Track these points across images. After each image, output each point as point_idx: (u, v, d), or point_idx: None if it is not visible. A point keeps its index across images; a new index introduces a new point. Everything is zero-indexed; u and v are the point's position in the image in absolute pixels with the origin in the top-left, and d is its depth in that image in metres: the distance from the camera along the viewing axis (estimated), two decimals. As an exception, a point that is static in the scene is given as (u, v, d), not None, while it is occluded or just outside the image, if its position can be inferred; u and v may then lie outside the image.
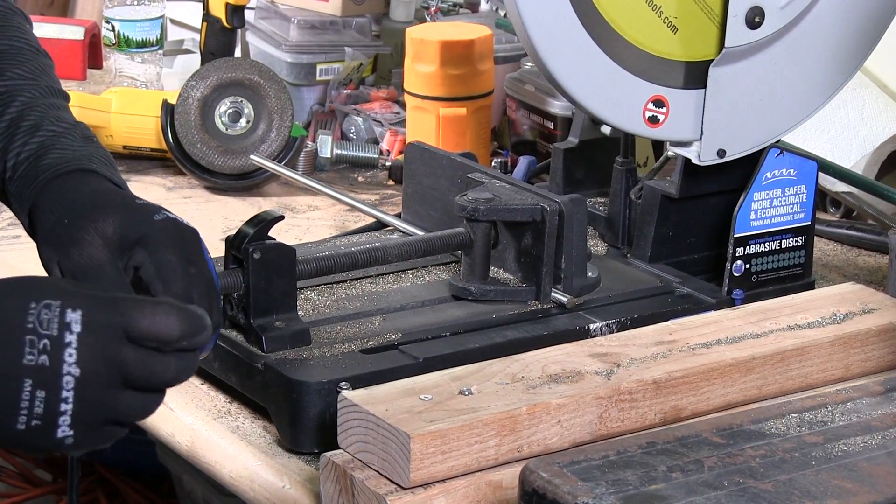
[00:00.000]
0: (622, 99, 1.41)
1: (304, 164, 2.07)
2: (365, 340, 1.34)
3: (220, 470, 1.33)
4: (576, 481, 1.01)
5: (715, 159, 1.46)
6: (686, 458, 1.05)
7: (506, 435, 1.16)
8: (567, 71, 1.37)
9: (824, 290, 1.47)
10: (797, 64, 1.47)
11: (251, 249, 1.33)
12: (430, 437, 1.12)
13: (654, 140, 1.83)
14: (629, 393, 1.22)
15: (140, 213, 1.17)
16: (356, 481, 1.15)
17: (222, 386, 1.40)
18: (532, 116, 2.02)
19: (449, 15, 2.45)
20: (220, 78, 1.97)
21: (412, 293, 1.46)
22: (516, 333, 1.37)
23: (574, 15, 1.36)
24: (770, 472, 1.03)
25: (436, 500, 1.13)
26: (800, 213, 1.54)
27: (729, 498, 1.00)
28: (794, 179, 1.53)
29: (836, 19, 1.47)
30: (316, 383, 1.27)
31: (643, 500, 0.99)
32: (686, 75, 1.43)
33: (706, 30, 1.42)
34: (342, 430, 1.18)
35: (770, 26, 1.42)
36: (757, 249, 1.52)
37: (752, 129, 1.47)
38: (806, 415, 1.13)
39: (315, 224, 1.86)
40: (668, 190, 1.50)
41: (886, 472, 1.04)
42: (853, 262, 1.77)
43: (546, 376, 1.22)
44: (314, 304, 1.43)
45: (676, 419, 1.24)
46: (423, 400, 1.17)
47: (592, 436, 1.20)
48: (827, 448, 1.07)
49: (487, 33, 2.03)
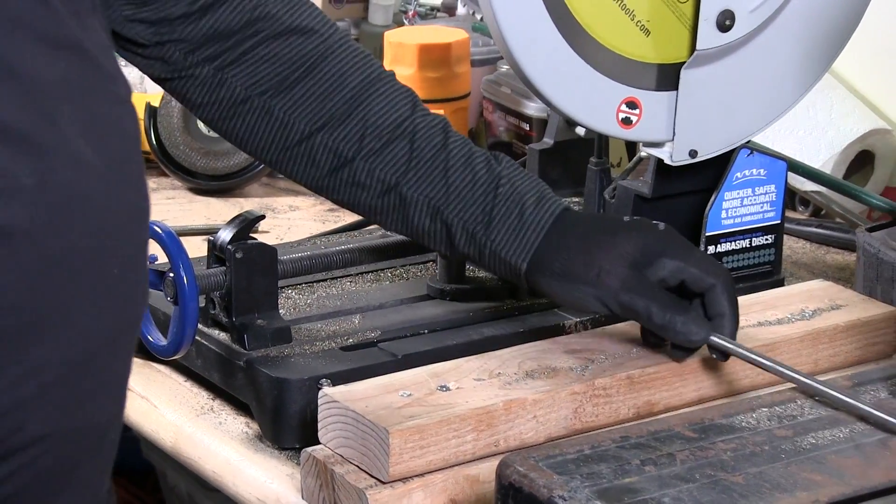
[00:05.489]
0: (596, 101, 1.41)
1: (285, 166, 2.06)
2: (345, 338, 1.35)
3: (203, 465, 1.32)
4: (551, 475, 1.01)
5: (687, 159, 1.46)
6: (659, 452, 1.05)
7: (483, 430, 1.16)
8: (542, 73, 1.37)
9: (794, 287, 1.47)
10: (767, 66, 1.47)
11: (233, 249, 1.33)
12: (409, 433, 1.12)
13: (627, 141, 1.83)
14: (603, 388, 1.22)
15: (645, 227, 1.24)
16: (336, 476, 1.15)
17: (205, 383, 1.40)
18: (508, 118, 2.02)
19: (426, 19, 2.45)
20: (203, 81, 1.96)
21: (391, 292, 1.46)
22: (493, 331, 1.37)
23: (549, 18, 1.36)
24: (741, 465, 1.03)
25: (414, 493, 1.13)
26: (770, 211, 1.55)
27: (700, 490, 1.00)
28: (764, 179, 1.53)
29: (804, 23, 1.47)
30: (297, 380, 1.27)
31: (617, 493, 0.99)
32: (658, 77, 1.43)
33: (678, 33, 1.42)
34: (323, 426, 1.18)
35: (740, 29, 1.43)
36: (728, 247, 1.53)
37: (722, 129, 1.48)
38: (776, 409, 1.13)
39: (296, 224, 1.86)
40: (641, 189, 1.50)
41: (854, 465, 1.04)
42: (822, 260, 1.77)
43: (522, 372, 1.22)
44: (295, 302, 1.43)
45: (649, 414, 1.24)
46: (401, 396, 1.17)
47: (567, 430, 1.20)
48: (796, 441, 1.08)
49: (464, 37, 2.03)
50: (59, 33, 0.94)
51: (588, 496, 0.99)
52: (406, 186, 1.26)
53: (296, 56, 1.28)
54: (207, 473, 1.32)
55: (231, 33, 1.27)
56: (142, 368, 1.44)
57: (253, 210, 1.37)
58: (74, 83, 0.95)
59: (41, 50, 0.93)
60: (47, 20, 0.94)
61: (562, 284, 1.23)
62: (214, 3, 1.27)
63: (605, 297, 1.21)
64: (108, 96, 0.98)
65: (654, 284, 1.21)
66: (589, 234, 1.23)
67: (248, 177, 1.97)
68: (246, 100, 1.28)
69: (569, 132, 1.58)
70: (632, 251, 1.22)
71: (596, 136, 1.53)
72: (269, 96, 1.28)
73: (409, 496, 1.13)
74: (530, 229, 1.23)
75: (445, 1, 2.53)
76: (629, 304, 1.20)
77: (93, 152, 0.94)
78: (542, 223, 1.23)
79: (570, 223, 1.24)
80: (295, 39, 1.28)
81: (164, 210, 1.89)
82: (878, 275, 1.50)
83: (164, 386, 1.42)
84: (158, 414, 1.38)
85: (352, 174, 1.27)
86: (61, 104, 0.93)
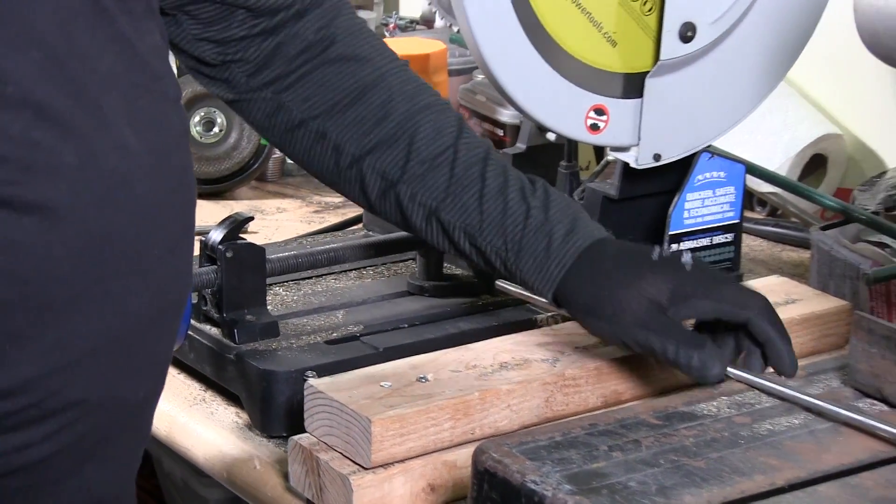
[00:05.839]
0: (565, 108, 1.41)
1: (273, 170, 2.06)
2: (329, 332, 1.34)
3: (196, 453, 1.32)
4: (524, 461, 1.01)
5: (651, 163, 1.46)
6: (625, 439, 1.05)
7: (460, 419, 1.16)
8: (515, 82, 1.37)
9: (752, 282, 1.47)
10: (726, 75, 1.47)
11: (224, 249, 1.33)
12: (390, 421, 1.12)
13: (595, 146, 1.84)
14: (573, 379, 1.22)
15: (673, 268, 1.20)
16: (322, 462, 1.14)
17: (197, 375, 1.39)
18: (483, 124, 2.02)
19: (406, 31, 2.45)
20: (195, 91, 1.96)
21: (373, 288, 1.46)
22: (469, 325, 1.37)
23: (521, 31, 1.36)
24: (702, 451, 1.04)
25: (395, 479, 1.13)
26: (729, 211, 1.55)
27: (665, 474, 1.00)
28: (724, 181, 1.53)
29: (761, 34, 1.47)
30: (284, 372, 1.27)
31: (586, 478, 0.99)
32: (624, 86, 1.43)
33: (643, 44, 1.43)
34: (308, 416, 1.17)
35: (701, 40, 1.43)
36: (690, 245, 1.53)
37: (685, 134, 1.48)
38: (735, 397, 1.13)
39: (283, 225, 1.85)
40: (608, 191, 1.50)
41: (808, 450, 1.04)
42: (778, 257, 1.77)
43: (497, 364, 1.22)
44: (282, 299, 1.43)
45: (617, 402, 1.24)
46: (383, 387, 1.17)
47: (539, 419, 1.20)
48: (754, 428, 1.08)
49: (442, 48, 2.03)
50: (109, 29, 0.95)
51: (559, 480, 0.99)
52: (444, 212, 1.24)
53: (348, 82, 1.27)
54: (200, 460, 1.32)
55: (289, 58, 1.26)
56: (138, 362, 1.44)
57: (242, 212, 1.36)
58: (121, 76, 0.96)
59: (90, 42, 0.94)
60: (98, 16, 0.95)
61: (585, 318, 1.21)
62: (276, 28, 1.26)
63: (622, 334, 1.19)
64: (154, 93, 0.99)
65: (672, 322, 1.17)
66: (613, 273, 1.20)
67: (238, 181, 1.97)
68: (301, 123, 1.27)
69: (540, 137, 1.58)
70: (654, 292, 1.18)
71: (566, 141, 1.53)
72: (321, 120, 1.27)
73: (390, 481, 1.13)
74: (554, 262, 1.21)
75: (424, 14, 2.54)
76: (644, 342, 1.17)
77: (136, 141, 0.95)
78: (565, 258, 1.21)
79: (598, 258, 1.21)
80: (348, 66, 1.27)
81: (158, 212, 1.88)
82: (830, 271, 1.51)
83: (158, 378, 1.41)
84: (153, 404, 1.37)
85: (397, 197, 1.26)
86: (107, 93, 0.94)
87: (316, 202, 1.96)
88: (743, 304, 1.18)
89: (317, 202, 1.96)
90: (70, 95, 0.92)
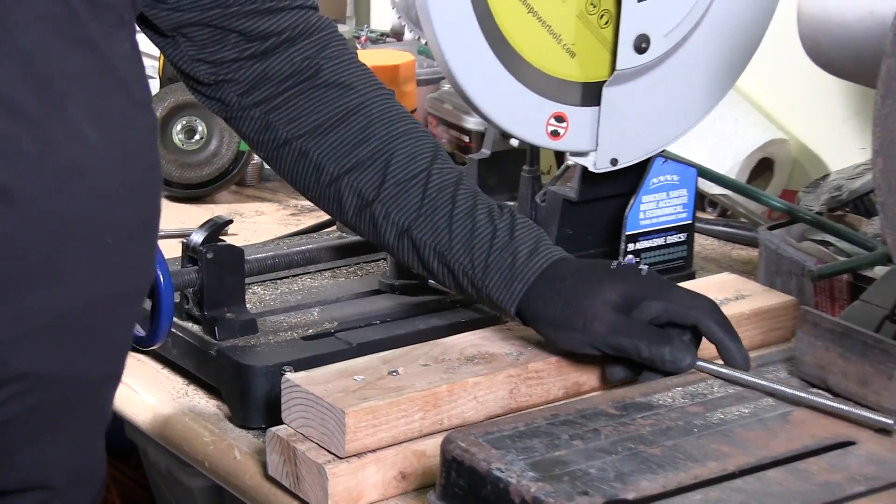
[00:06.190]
0: (527, 115, 1.41)
1: (252, 175, 2.06)
2: (305, 329, 1.34)
3: (179, 444, 1.32)
4: (490, 449, 1.01)
5: (608, 167, 1.46)
6: (585, 428, 1.05)
7: (429, 410, 1.16)
8: (479, 91, 1.37)
9: (703, 279, 1.48)
10: (679, 83, 1.47)
11: (204, 250, 1.32)
12: (363, 413, 1.12)
13: (555, 151, 1.84)
14: (536, 371, 1.22)
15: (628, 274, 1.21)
16: (298, 452, 1.14)
17: (180, 370, 1.39)
18: (450, 131, 2.02)
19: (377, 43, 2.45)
20: (177, 100, 1.95)
21: (346, 287, 1.46)
22: (438, 321, 1.37)
23: (485, 43, 1.36)
24: (658, 439, 1.04)
25: (368, 467, 1.13)
26: (682, 213, 1.55)
27: (622, 461, 1.00)
28: (677, 184, 1.53)
29: (711, 45, 1.48)
30: (262, 367, 1.26)
31: (548, 465, 0.99)
32: (583, 94, 1.43)
33: (600, 55, 1.43)
34: (286, 408, 1.17)
35: (655, 51, 1.43)
36: (645, 245, 1.53)
37: (640, 140, 1.48)
38: (689, 388, 1.13)
39: (261, 227, 1.85)
40: (568, 194, 1.50)
41: (757, 437, 1.05)
42: (728, 255, 1.78)
43: (463, 358, 1.22)
44: (260, 297, 1.42)
45: (577, 393, 1.24)
46: (356, 380, 1.17)
47: (504, 409, 1.20)
48: (707, 417, 1.08)
49: (411, 59, 2.03)
50: (79, 33, 0.98)
51: (523, 468, 0.98)
52: (416, 231, 1.25)
53: (332, 107, 1.28)
54: (183, 451, 1.31)
55: (277, 81, 1.28)
56: (123, 358, 1.43)
57: (222, 215, 1.36)
58: (87, 77, 0.98)
59: (58, 43, 0.96)
60: (69, 20, 0.97)
61: (554, 331, 1.21)
62: (266, 52, 1.27)
63: (595, 341, 1.19)
64: (120, 95, 1.01)
65: (639, 323, 1.18)
66: (575, 286, 1.20)
67: (218, 185, 1.96)
68: (286, 142, 1.29)
69: (504, 143, 1.58)
70: (615, 298, 1.19)
71: (528, 146, 1.53)
72: (305, 140, 1.28)
73: (363, 470, 1.13)
74: (517, 280, 1.22)
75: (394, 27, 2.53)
76: (617, 345, 1.18)
77: (98, 137, 0.98)
78: (528, 275, 1.22)
79: (559, 275, 1.21)
80: (334, 92, 1.28)
81: (143, 215, 1.88)
82: (777, 268, 1.51)
83: (143, 373, 1.41)
84: (139, 398, 1.37)
85: (372, 216, 1.27)
86: (71, 92, 0.97)
87: (293, 206, 1.96)
88: (691, 305, 1.19)
89: (293, 206, 1.96)
90: (34, 90, 0.94)
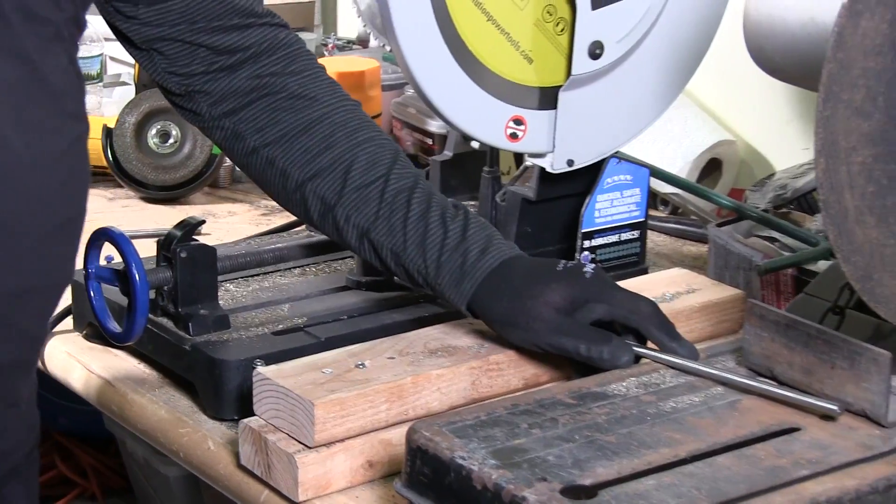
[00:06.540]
0: (487, 119, 1.40)
1: (224, 177, 2.05)
2: (276, 324, 1.33)
3: (156, 435, 1.31)
4: (452, 438, 1.00)
5: (565, 168, 1.46)
6: (544, 417, 1.05)
7: (394, 401, 1.15)
8: (441, 96, 1.37)
9: (656, 274, 1.48)
10: (632, 87, 1.47)
11: (178, 249, 1.31)
12: (331, 405, 1.11)
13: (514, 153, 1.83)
14: (496, 363, 1.22)
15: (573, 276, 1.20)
16: (269, 443, 1.13)
17: (156, 365, 1.38)
18: (414, 134, 2.02)
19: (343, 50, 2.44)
20: (152, 106, 1.94)
21: (315, 284, 1.45)
22: (402, 316, 1.36)
23: (447, 49, 1.36)
24: (613, 427, 1.03)
25: (336, 456, 1.12)
26: (635, 211, 1.55)
27: (579, 449, 1.00)
28: (630, 183, 1.53)
29: (662, 51, 1.48)
30: (235, 361, 1.25)
31: (508, 453, 0.99)
32: (540, 98, 1.43)
33: (556, 61, 1.42)
34: (257, 400, 1.16)
35: (608, 57, 1.43)
36: (601, 242, 1.53)
37: (595, 142, 1.48)
38: (642, 378, 1.13)
39: (233, 227, 1.84)
40: (527, 194, 1.50)
41: (707, 424, 1.05)
42: (679, 251, 1.78)
43: (427, 351, 1.22)
44: (233, 294, 1.41)
45: (536, 384, 1.24)
46: (324, 373, 1.16)
47: (467, 400, 1.20)
48: (659, 405, 1.08)
49: (376, 65, 2.02)
50: (12, 45, 0.99)
51: (484, 456, 0.98)
52: (374, 233, 1.25)
53: (298, 117, 1.28)
54: (160, 442, 1.30)
55: (245, 93, 1.29)
56: (101, 353, 1.42)
57: (196, 216, 1.35)
58: (16, 87, 1.00)
59: None
60: (3, 33, 0.98)
61: (501, 328, 1.22)
62: (233, 66, 1.28)
63: (537, 340, 1.19)
64: (50, 107, 1.03)
65: (579, 324, 1.18)
66: (521, 286, 1.20)
67: (192, 187, 1.95)
68: (255, 150, 1.29)
69: (465, 146, 1.57)
70: (559, 300, 1.19)
71: (488, 148, 1.53)
72: (271, 148, 1.29)
73: (332, 459, 1.12)
74: (467, 279, 1.22)
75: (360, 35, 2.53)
76: (558, 345, 1.18)
77: (21, 144, 0.99)
78: (477, 275, 1.22)
79: (508, 274, 1.22)
80: (299, 103, 1.29)
81: (119, 216, 1.87)
82: (726, 263, 1.51)
83: (120, 368, 1.40)
84: (115, 391, 1.36)
85: (334, 219, 1.27)
86: None
87: (263, 206, 1.95)
88: (632, 309, 1.19)
89: (264, 206, 1.95)
90: None
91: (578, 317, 1.19)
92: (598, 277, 1.22)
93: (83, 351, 1.43)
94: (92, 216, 1.12)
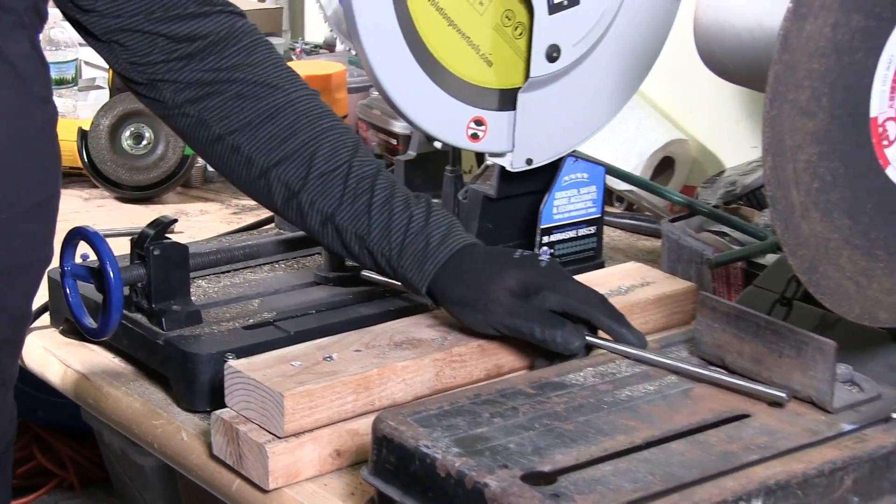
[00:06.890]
0: (449, 120, 1.40)
1: (196, 177, 2.03)
2: (246, 319, 1.32)
3: (131, 427, 1.30)
4: (417, 428, 1.00)
5: (524, 166, 1.46)
6: (505, 406, 1.05)
7: (361, 392, 1.15)
8: (404, 98, 1.36)
9: (612, 268, 1.48)
10: (588, 89, 1.47)
11: (152, 247, 1.30)
12: (300, 396, 1.11)
13: (476, 152, 1.83)
14: (459, 355, 1.22)
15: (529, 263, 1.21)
16: (241, 433, 1.13)
17: (131, 359, 1.37)
18: (379, 135, 2.01)
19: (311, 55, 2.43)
20: (125, 108, 1.93)
21: (284, 280, 1.44)
22: (368, 310, 1.36)
23: (409, 53, 1.35)
24: (571, 415, 1.03)
25: (305, 446, 1.12)
26: (592, 207, 1.55)
27: (539, 437, 1.00)
28: (587, 181, 1.53)
29: (616, 54, 1.48)
30: (207, 355, 1.25)
31: (471, 441, 0.98)
32: (500, 100, 1.43)
33: (515, 63, 1.42)
34: (229, 393, 1.16)
35: (565, 60, 1.43)
36: (559, 237, 1.53)
37: (553, 141, 1.48)
38: (599, 368, 1.13)
39: (205, 225, 1.83)
40: (488, 192, 1.50)
41: (661, 412, 1.05)
42: (634, 246, 1.78)
43: (393, 344, 1.21)
44: (204, 290, 1.40)
45: (498, 374, 1.24)
46: (293, 366, 1.15)
47: (431, 390, 1.20)
48: (616, 394, 1.08)
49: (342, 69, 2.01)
50: None
51: (448, 444, 0.98)
52: (338, 218, 1.25)
53: (261, 105, 1.27)
54: (135, 433, 1.29)
55: (208, 81, 1.27)
56: (77, 348, 1.41)
57: (169, 215, 1.34)
58: None
59: None
60: None
61: (459, 310, 1.21)
62: (192, 54, 1.27)
63: (494, 322, 1.19)
64: (17, 89, 1.04)
65: (536, 308, 1.19)
66: (481, 270, 1.21)
67: (164, 187, 1.94)
68: (219, 138, 1.28)
69: (428, 146, 1.57)
70: (515, 285, 1.19)
71: (450, 148, 1.52)
72: (236, 136, 1.27)
73: (301, 448, 1.12)
74: (429, 261, 1.22)
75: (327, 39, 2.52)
76: (514, 327, 1.18)
77: None
78: (439, 258, 1.22)
79: (468, 259, 1.22)
80: (263, 91, 1.27)
81: (94, 216, 1.86)
82: (678, 257, 1.51)
83: (96, 362, 1.38)
84: (91, 385, 1.35)
85: (299, 205, 1.26)
86: None
87: (234, 205, 1.94)
88: (583, 299, 1.20)
89: (235, 205, 1.94)
90: None
91: (533, 302, 1.19)
92: (552, 267, 1.22)
93: (60, 346, 1.42)
94: (68, 216, 1.12)
